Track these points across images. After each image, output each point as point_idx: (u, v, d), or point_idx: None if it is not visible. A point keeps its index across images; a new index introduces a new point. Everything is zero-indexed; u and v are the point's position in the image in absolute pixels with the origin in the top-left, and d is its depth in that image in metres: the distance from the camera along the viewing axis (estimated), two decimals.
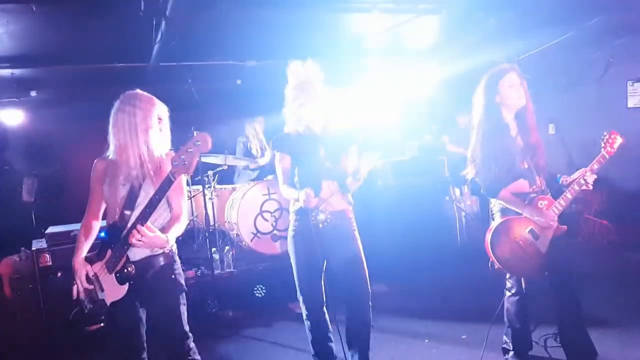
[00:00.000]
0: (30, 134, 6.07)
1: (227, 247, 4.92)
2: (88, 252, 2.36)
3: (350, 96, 6.24)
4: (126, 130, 2.20)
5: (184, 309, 2.35)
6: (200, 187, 5.01)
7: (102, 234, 2.39)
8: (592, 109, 5.66)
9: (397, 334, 3.50)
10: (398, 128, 7.61)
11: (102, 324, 2.35)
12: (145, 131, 2.22)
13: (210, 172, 5.31)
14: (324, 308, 2.89)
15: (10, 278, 4.46)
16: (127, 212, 2.21)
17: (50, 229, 4.25)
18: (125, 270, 2.20)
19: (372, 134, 3.01)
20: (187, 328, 2.37)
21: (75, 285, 2.30)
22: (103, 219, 2.42)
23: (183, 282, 2.38)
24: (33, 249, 4.15)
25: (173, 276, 2.33)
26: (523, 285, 2.81)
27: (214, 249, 4.77)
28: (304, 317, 2.90)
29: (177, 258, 2.39)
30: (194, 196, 5.39)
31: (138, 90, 2.32)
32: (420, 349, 3.38)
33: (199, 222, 5.35)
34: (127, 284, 2.22)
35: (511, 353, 2.95)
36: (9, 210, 5.85)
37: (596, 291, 3.83)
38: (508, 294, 2.89)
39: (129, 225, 2.18)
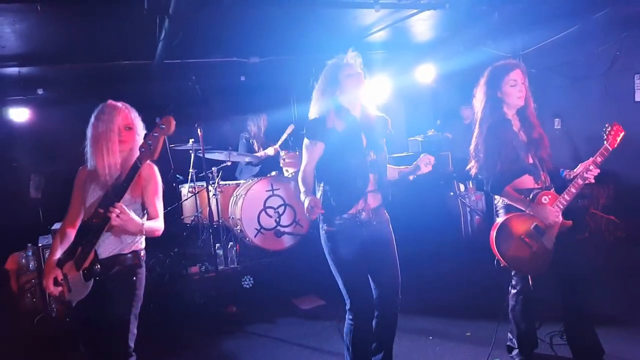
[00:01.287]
0: (37, 131, 6.13)
1: (230, 243, 4.94)
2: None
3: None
4: (94, 141, 2.31)
5: (133, 319, 2.28)
6: (204, 183, 5.03)
7: None
8: (599, 103, 5.58)
9: (400, 331, 3.40)
10: (402, 123, 7.59)
11: (66, 326, 2.34)
12: (109, 141, 2.28)
13: (214, 169, 5.33)
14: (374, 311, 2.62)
15: (16, 273, 4.52)
16: (101, 211, 2.23)
17: (57, 226, 4.29)
18: (93, 267, 2.22)
19: None
20: (132, 344, 2.29)
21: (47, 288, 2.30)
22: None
23: (142, 289, 2.35)
24: (39, 245, 4.21)
25: (134, 278, 2.33)
26: (530, 282, 2.76)
27: (217, 245, 4.80)
28: (351, 319, 2.53)
29: (143, 263, 2.39)
30: (198, 192, 5.41)
31: (109, 101, 2.38)
32: (424, 346, 3.36)
33: (203, 218, 5.37)
34: (92, 280, 2.23)
35: (516, 351, 2.92)
36: (16, 207, 5.91)
37: (603, 288, 3.76)
38: (513, 291, 2.85)
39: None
